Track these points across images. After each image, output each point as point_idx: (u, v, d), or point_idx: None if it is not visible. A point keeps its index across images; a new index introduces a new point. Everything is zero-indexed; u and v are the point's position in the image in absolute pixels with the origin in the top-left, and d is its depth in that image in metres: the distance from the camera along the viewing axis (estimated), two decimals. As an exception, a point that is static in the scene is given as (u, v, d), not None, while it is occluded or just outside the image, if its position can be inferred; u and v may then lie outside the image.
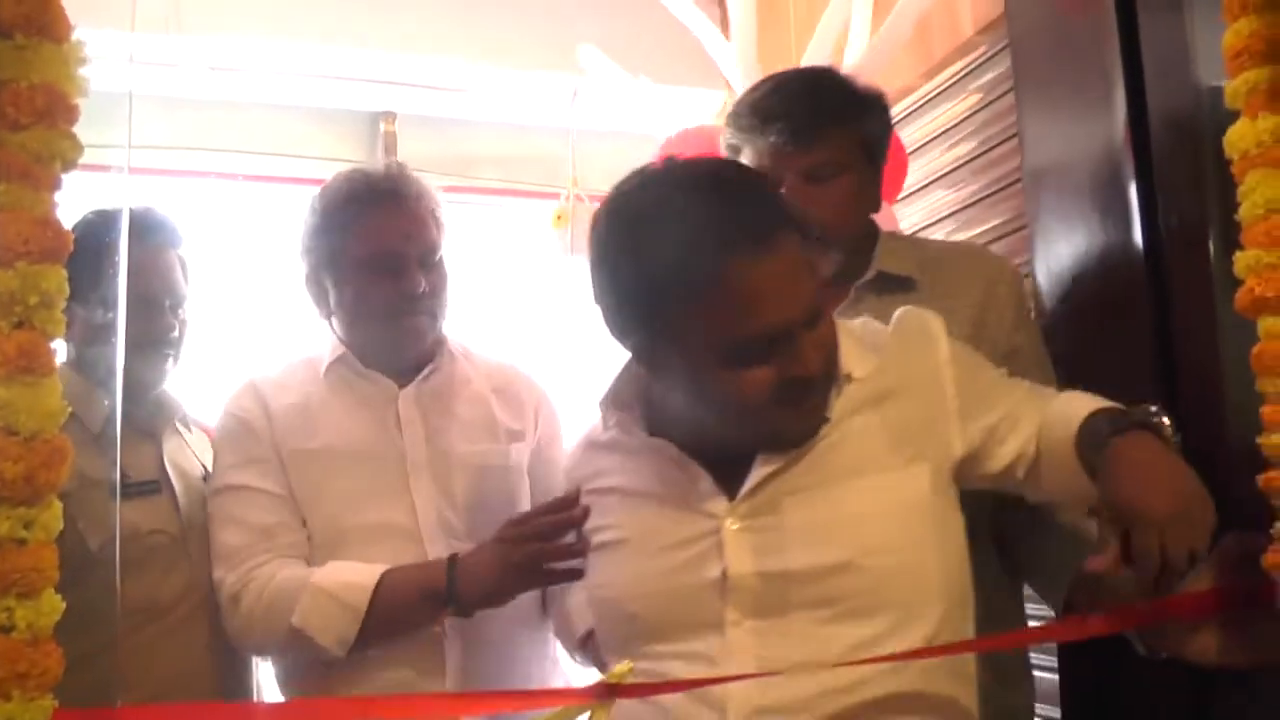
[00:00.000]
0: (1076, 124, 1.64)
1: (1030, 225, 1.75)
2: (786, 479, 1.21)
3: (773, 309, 1.14)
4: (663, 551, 1.24)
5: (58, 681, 0.74)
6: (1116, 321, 1.55)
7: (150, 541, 1.66)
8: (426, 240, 1.70)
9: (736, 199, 1.19)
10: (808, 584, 1.16)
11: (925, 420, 1.24)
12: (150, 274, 1.74)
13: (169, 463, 1.76)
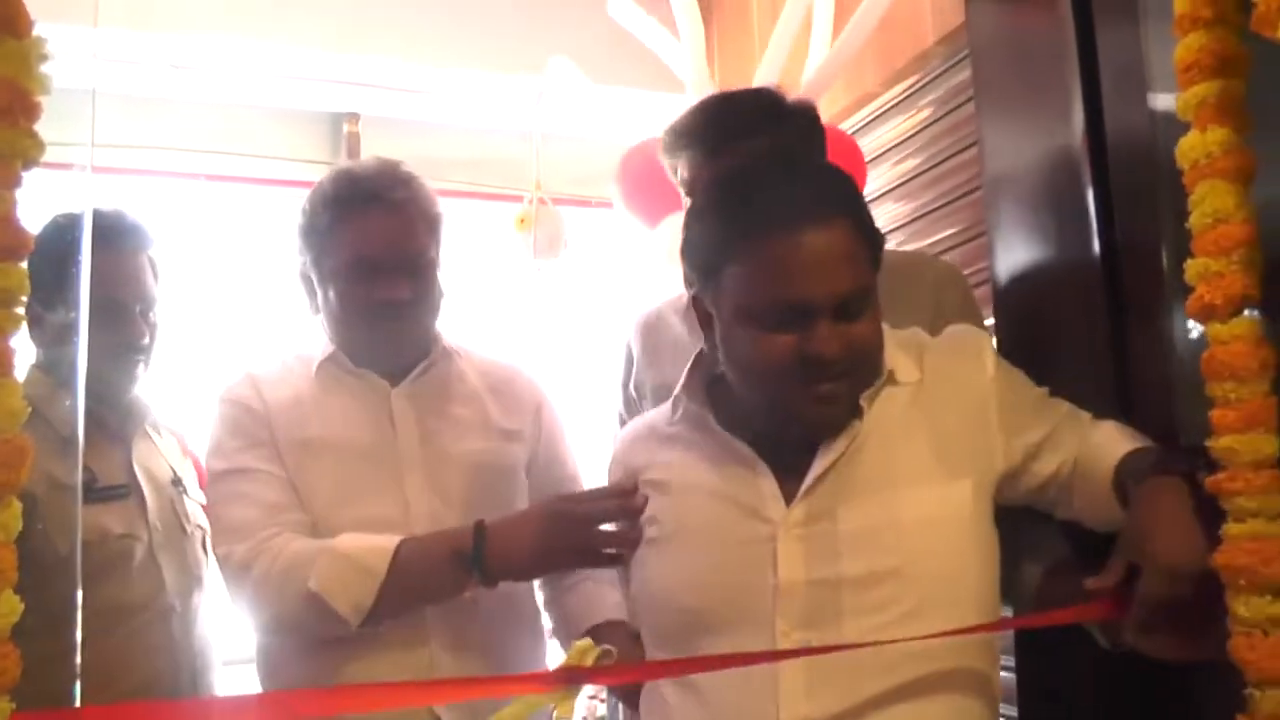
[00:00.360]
0: (1035, 133, 1.66)
1: (989, 233, 1.78)
2: (841, 485, 1.24)
3: (801, 283, 1.20)
4: (718, 548, 1.26)
5: (15, 683, 0.73)
6: (1072, 327, 1.58)
7: (118, 546, 1.67)
8: (412, 245, 1.67)
9: (808, 177, 1.29)
10: (858, 590, 1.20)
11: (971, 434, 1.29)
12: (120, 279, 1.74)
13: (138, 467, 1.76)
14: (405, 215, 1.66)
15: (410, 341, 1.72)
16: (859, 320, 1.23)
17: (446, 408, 1.74)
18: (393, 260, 1.64)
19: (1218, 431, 1.07)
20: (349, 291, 1.65)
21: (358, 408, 1.69)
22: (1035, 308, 1.68)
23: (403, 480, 1.65)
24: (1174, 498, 1.14)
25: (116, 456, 1.76)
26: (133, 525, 1.71)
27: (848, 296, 1.21)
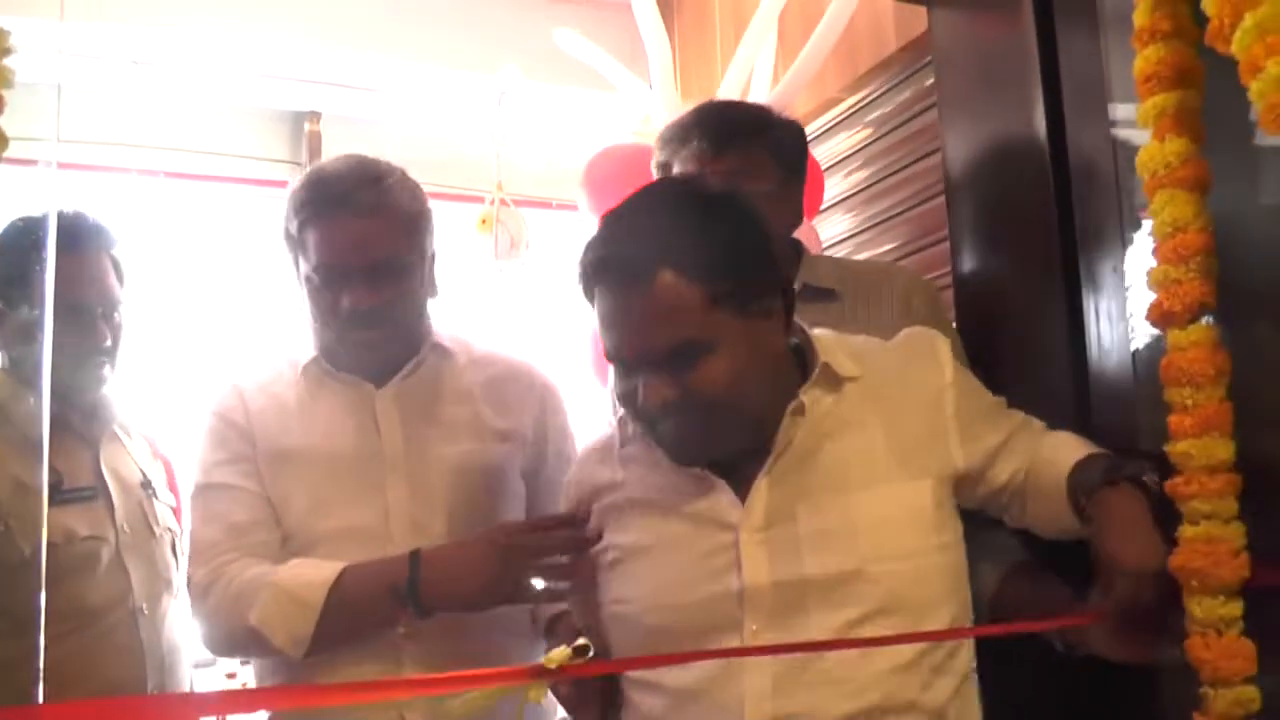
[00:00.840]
0: (997, 140, 1.69)
1: (951, 238, 1.80)
2: (799, 486, 1.25)
3: (618, 341, 1.23)
4: (682, 564, 1.26)
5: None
6: (1033, 332, 1.61)
7: (85, 548, 1.67)
8: (380, 250, 1.58)
9: (636, 228, 1.25)
10: (823, 590, 1.20)
11: (928, 435, 1.29)
12: (81, 280, 1.72)
13: (106, 469, 1.76)
14: (375, 219, 1.58)
15: (389, 345, 1.65)
16: (696, 367, 1.19)
17: (434, 408, 1.68)
18: (361, 266, 1.57)
19: (1174, 436, 1.09)
20: (319, 298, 1.60)
21: (342, 412, 1.65)
22: (996, 312, 1.71)
23: (385, 486, 1.61)
24: (1127, 505, 1.17)
25: (84, 458, 1.75)
26: (99, 527, 1.70)
27: (665, 351, 1.19)
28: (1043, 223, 1.57)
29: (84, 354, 1.71)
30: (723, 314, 1.20)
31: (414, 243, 1.64)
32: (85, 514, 1.69)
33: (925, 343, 1.37)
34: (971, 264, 1.76)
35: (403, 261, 1.61)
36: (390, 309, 1.60)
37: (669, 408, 1.21)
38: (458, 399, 1.69)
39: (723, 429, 1.23)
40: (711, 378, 1.19)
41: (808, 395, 1.27)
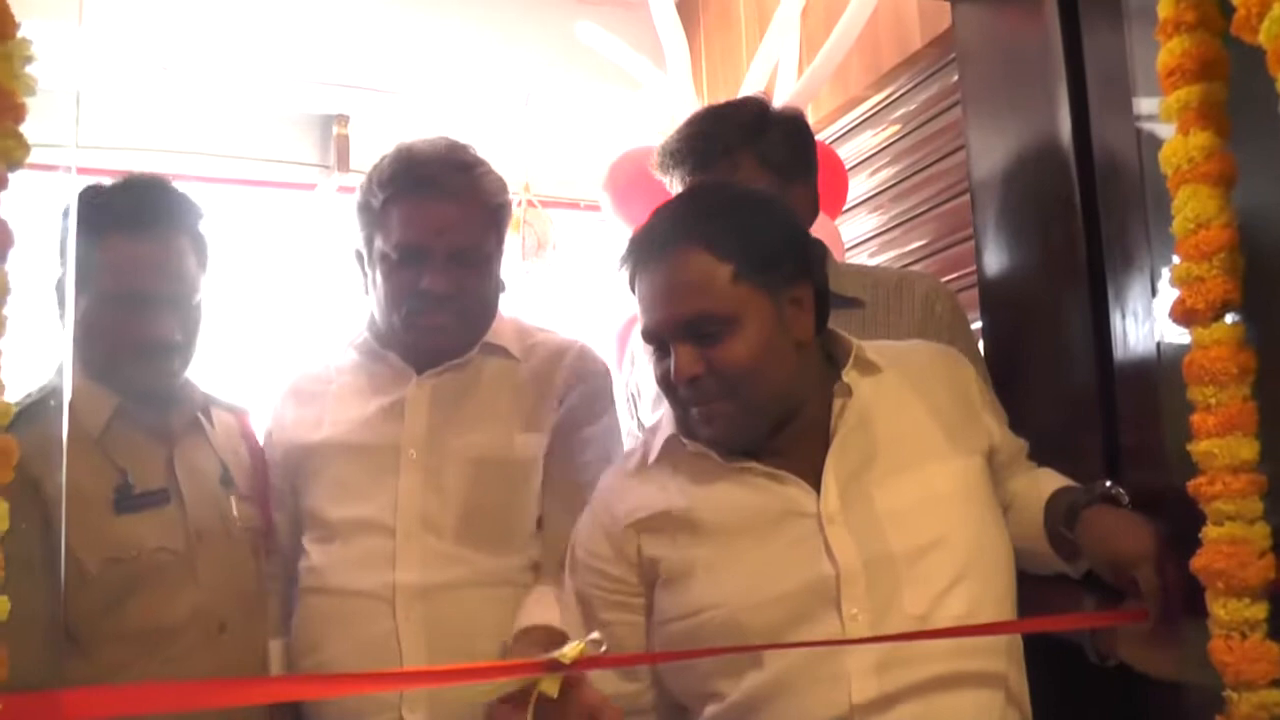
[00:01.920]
0: (1021, 136, 1.67)
1: (976, 236, 1.79)
2: (862, 468, 1.29)
3: (650, 312, 1.30)
4: (767, 559, 1.26)
5: (2, 681, 0.73)
6: (1059, 330, 1.59)
7: (155, 560, 1.47)
8: (463, 236, 1.56)
9: (673, 212, 1.35)
10: (911, 564, 1.23)
11: (965, 416, 1.37)
12: (148, 267, 1.51)
13: (180, 467, 1.55)
14: (463, 205, 1.56)
15: (454, 334, 1.60)
16: (720, 342, 1.26)
17: (465, 400, 1.62)
18: (444, 250, 1.54)
19: (1198, 435, 1.08)
20: (390, 277, 1.57)
21: (375, 398, 1.62)
22: (1021, 310, 1.69)
23: (398, 477, 1.57)
24: (1114, 513, 1.27)
25: (155, 456, 1.54)
26: (170, 537, 1.49)
27: (690, 320, 1.27)
28: (1067, 220, 1.55)
29: (148, 348, 1.50)
30: (749, 292, 1.27)
31: (495, 234, 1.63)
32: (155, 522, 1.49)
33: (940, 346, 1.47)
34: (996, 262, 1.74)
35: (483, 251, 1.60)
36: (464, 297, 1.58)
37: (696, 385, 1.27)
38: (493, 392, 1.63)
39: (747, 408, 1.28)
40: (735, 354, 1.25)
41: (849, 378, 1.33)
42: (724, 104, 1.80)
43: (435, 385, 1.62)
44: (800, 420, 1.32)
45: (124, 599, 1.43)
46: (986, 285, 1.77)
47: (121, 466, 1.48)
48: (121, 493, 1.47)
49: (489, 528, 1.56)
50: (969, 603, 1.23)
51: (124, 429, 1.51)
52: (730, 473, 1.31)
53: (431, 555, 1.53)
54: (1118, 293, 1.46)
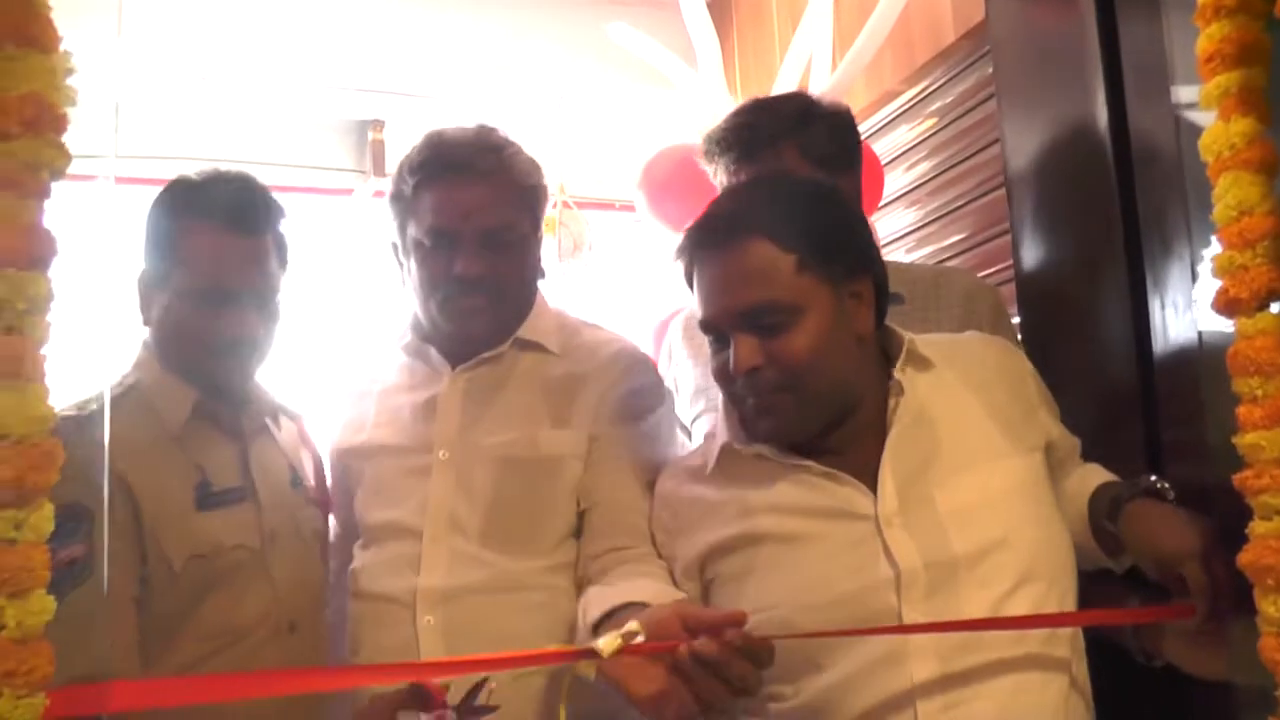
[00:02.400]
0: (1057, 128, 1.66)
1: (1012, 230, 1.77)
2: (919, 468, 1.27)
3: (709, 302, 1.28)
4: (825, 561, 1.25)
5: (49, 680, 0.74)
6: (1098, 323, 1.57)
7: (233, 558, 1.47)
8: (495, 219, 1.54)
9: (733, 199, 1.36)
10: (972, 566, 1.21)
11: (1023, 411, 1.35)
12: (231, 264, 1.50)
13: (255, 466, 1.56)
14: (493, 186, 1.54)
15: (491, 318, 1.58)
16: (782, 333, 1.24)
17: (500, 397, 1.59)
18: (475, 233, 1.52)
19: (1243, 428, 1.06)
20: (427, 263, 1.55)
21: (412, 396, 1.61)
22: (1059, 304, 1.67)
23: (429, 477, 1.55)
24: (1158, 507, 1.25)
25: (230, 455, 1.54)
26: (246, 534, 1.49)
27: (753, 310, 1.24)
28: (1105, 211, 1.53)
29: (232, 344, 1.50)
30: (812, 283, 1.25)
31: (529, 216, 1.60)
32: (232, 519, 1.48)
33: (993, 339, 1.46)
34: (1033, 255, 1.73)
35: (516, 233, 1.58)
36: (499, 280, 1.55)
37: (755, 377, 1.24)
38: (525, 389, 1.60)
39: (806, 402, 1.26)
40: (796, 346, 1.24)
41: (903, 374, 1.31)
42: (770, 96, 1.80)
43: (469, 381, 1.60)
44: (857, 418, 1.30)
45: (203, 596, 1.44)
46: (1024, 279, 1.75)
47: (199, 464, 1.49)
48: (202, 490, 1.47)
49: (514, 529, 1.52)
50: (1033, 605, 1.21)
51: (201, 426, 1.51)
52: (787, 472, 1.30)
53: (456, 558, 1.51)
54: (1157, 283, 1.44)
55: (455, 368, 1.60)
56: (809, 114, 1.69)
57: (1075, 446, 1.42)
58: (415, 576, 1.50)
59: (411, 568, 1.51)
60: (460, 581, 1.50)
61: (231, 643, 1.45)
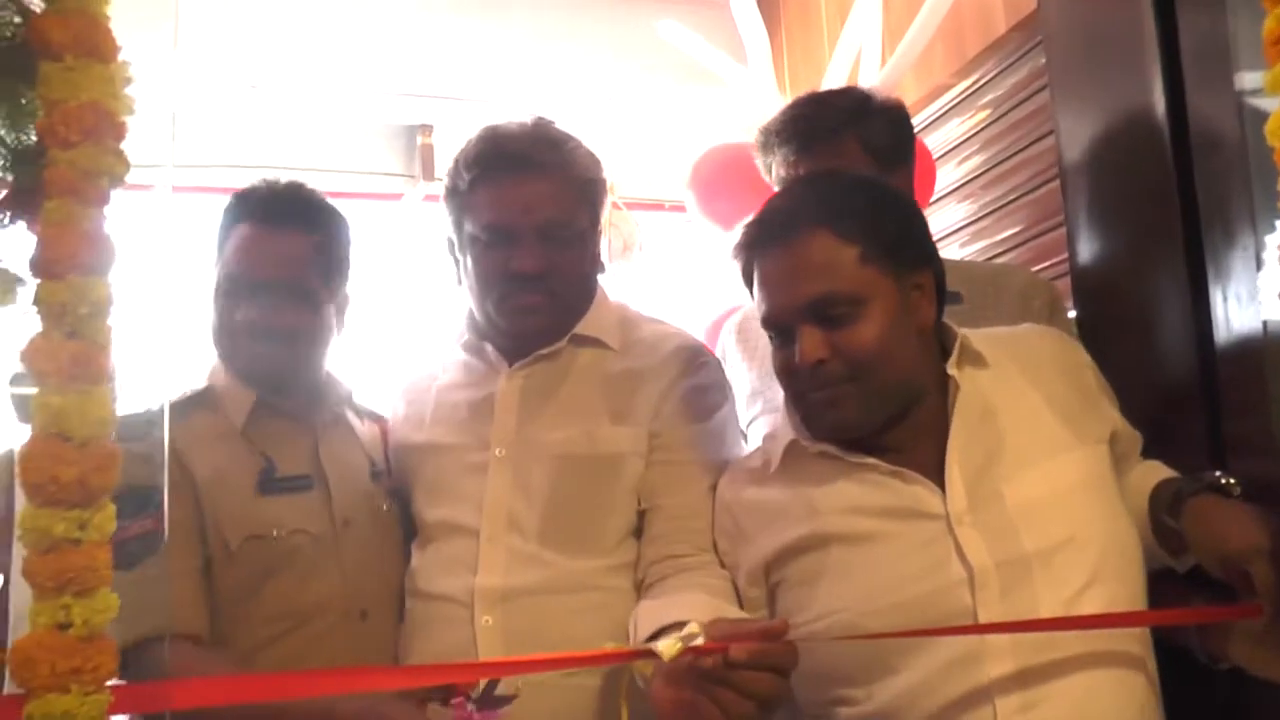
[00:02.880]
0: (1114, 118, 1.62)
1: (1067, 223, 1.74)
2: (985, 464, 1.25)
3: (772, 296, 1.28)
4: (895, 562, 1.23)
5: (113, 676, 0.76)
6: (1159, 316, 1.54)
7: (293, 542, 1.50)
8: (553, 213, 1.52)
9: (794, 196, 1.37)
10: (1043, 564, 1.19)
11: (1085, 403, 1.33)
12: (271, 259, 1.55)
13: (326, 456, 1.58)
14: (551, 180, 1.53)
15: (549, 314, 1.56)
16: (847, 325, 1.24)
17: (554, 393, 1.57)
18: (533, 227, 1.50)
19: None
20: (484, 259, 1.53)
21: (470, 394, 1.60)
22: (1117, 297, 1.64)
23: (486, 475, 1.53)
24: (1224, 503, 1.22)
25: (300, 445, 1.58)
26: (311, 520, 1.52)
27: (819, 301, 1.24)
28: (1164, 202, 1.50)
29: (257, 333, 1.54)
30: (875, 275, 1.25)
31: (588, 210, 1.58)
32: (297, 505, 1.52)
33: (1052, 329, 1.45)
34: (1089, 248, 1.69)
35: (575, 228, 1.56)
36: (557, 276, 1.53)
37: (820, 371, 1.24)
38: (583, 385, 1.57)
39: (871, 394, 1.25)
40: (862, 338, 1.24)
41: (960, 371, 1.30)
42: (827, 90, 1.82)
43: (526, 378, 1.58)
44: (917, 414, 1.29)
45: (264, 579, 1.47)
46: (1080, 272, 1.72)
47: (266, 454, 1.54)
48: (265, 475, 1.53)
49: (573, 528, 1.50)
50: (1104, 603, 1.19)
51: (267, 420, 1.57)
52: (852, 471, 1.29)
53: (514, 558, 1.49)
54: (1219, 274, 1.41)
55: (512, 364, 1.59)
56: (867, 106, 1.70)
57: (1137, 440, 1.39)
58: (473, 576, 1.49)
59: (469, 567, 1.50)
60: (519, 581, 1.47)
61: (296, 626, 1.48)
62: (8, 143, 0.94)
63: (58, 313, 0.79)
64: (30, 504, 0.76)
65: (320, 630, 1.49)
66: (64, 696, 0.73)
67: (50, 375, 0.78)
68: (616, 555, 1.51)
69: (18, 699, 0.75)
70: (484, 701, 1.16)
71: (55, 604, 0.74)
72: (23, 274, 0.88)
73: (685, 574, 1.42)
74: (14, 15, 0.91)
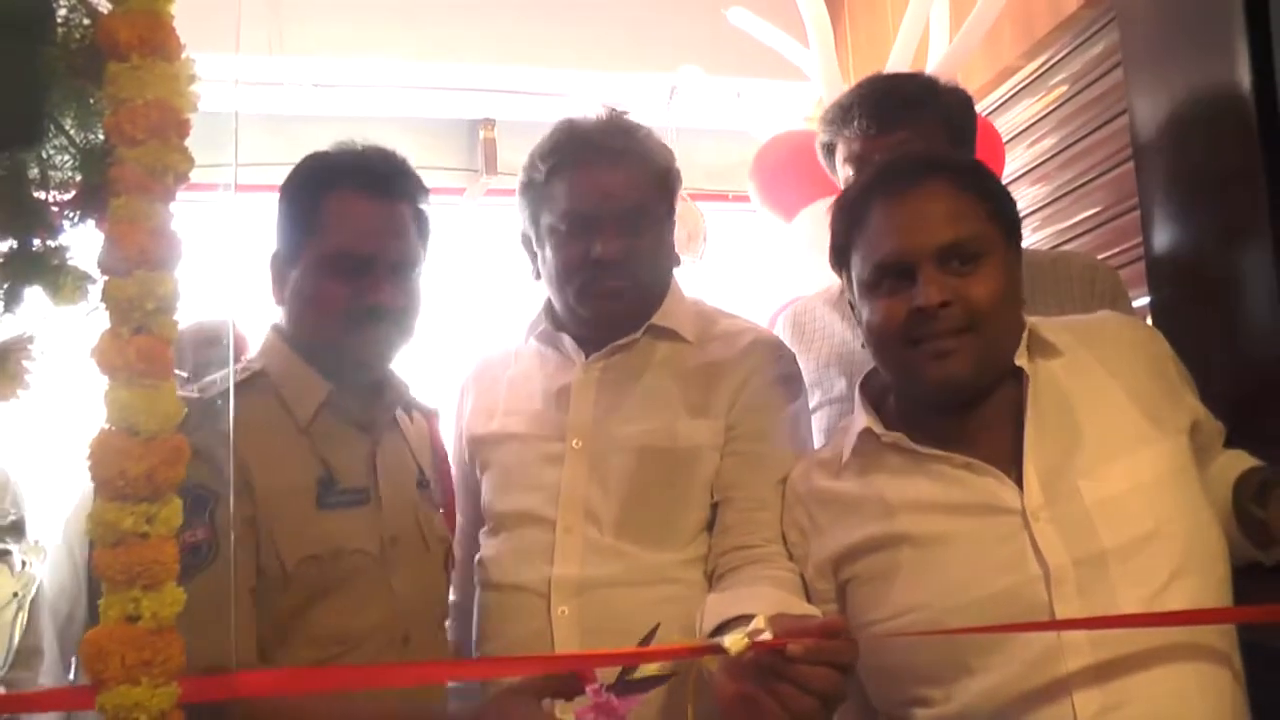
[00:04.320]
0: (1192, 95, 1.57)
1: (1141, 206, 1.69)
2: (1062, 458, 1.23)
3: (898, 239, 1.25)
4: (971, 558, 1.21)
5: (181, 668, 0.77)
6: (1236, 304, 1.49)
7: (351, 563, 1.36)
8: (632, 200, 1.52)
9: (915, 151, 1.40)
10: (1123, 559, 1.17)
11: (1165, 392, 1.30)
12: (365, 229, 1.42)
13: (381, 465, 1.45)
14: (629, 168, 1.54)
15: (629, 301, 1.55)
16: (971, 275, 1.23)
17: (634, 386, 1.56)
18: (613, 213, 1.51)
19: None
20: (564, 248, 1.53)
21: (543, 384, 1.61)
22: (1196, 282, 1.59)
23: (562, 467, 1.53)
24: None
25: (358, 451, 1.44)
26: (367, 538, 1.39)
27: (950, 246, 1.23)
28: (1249, 183, 1.45)
29: (363, 314, 1.40)
30: (995, 234, 1.26)
31: (664, 199, 1.60)
32: (353, 521, 1.38)
33: (1129, 317, 1.41)
34: (1166, 231, 1.64)
35: (654, 214, 1.57)
36: (637, 262, 1.53)
37: (942, 314, 1.22)
38: (661, 377, 1.57)
39: (984, 346, 1.24)
40: (984, 287, 1.23)
41: (1030, 362, 1.28)
42: (892, 73, 1.84)
43: (603, 370, 1.58)
44: (989, 404, 1.27)
45: (314, 601, 1.34)
46: (1155, 256, 1.67)
47: (326, 459, 1.39)
48: (324, 487, 1.38)
49: (650, 521, 1.49)
50: (1188, 600, 1.15)
51: (331, 420, 1.42)
52: (924, 464, 1.27)
53: (591, 549, 1.48)
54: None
55: (589, 356, 1.59)
56: (937, 87, 1.70)
57: (1219, 431, 1.34)
58: (549, 566, 1.48)
59: (544, 557, 1.49)
60: (596, 572, 1.47)
61: (342, 653, 1.35)
62: (77, 143, 0.95)
63: (125, 309, 0.80)
64: (99, 498, 0.77)
65: (362, 657, 1.36)
66: (134, 688, 0.74)
67: (118, 370, 0.79)
68: (692, 549, 1.50)
69: (90, 689, 0.76)
70: (623, 687, 1.13)
71: (125, 597, 0.76)
72: (91, 272, 0.89)
73: (753, 566, 1.41)
74: (83, 17, 0.93)
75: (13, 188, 0.90)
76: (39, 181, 0.94)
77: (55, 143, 0.94)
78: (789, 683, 1.02)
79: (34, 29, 0.88)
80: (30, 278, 0.90)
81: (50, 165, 0.94)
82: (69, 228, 0.93)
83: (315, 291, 1.42)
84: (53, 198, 0.94)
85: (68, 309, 0.92)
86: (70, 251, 0.92)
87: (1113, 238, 2.43)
